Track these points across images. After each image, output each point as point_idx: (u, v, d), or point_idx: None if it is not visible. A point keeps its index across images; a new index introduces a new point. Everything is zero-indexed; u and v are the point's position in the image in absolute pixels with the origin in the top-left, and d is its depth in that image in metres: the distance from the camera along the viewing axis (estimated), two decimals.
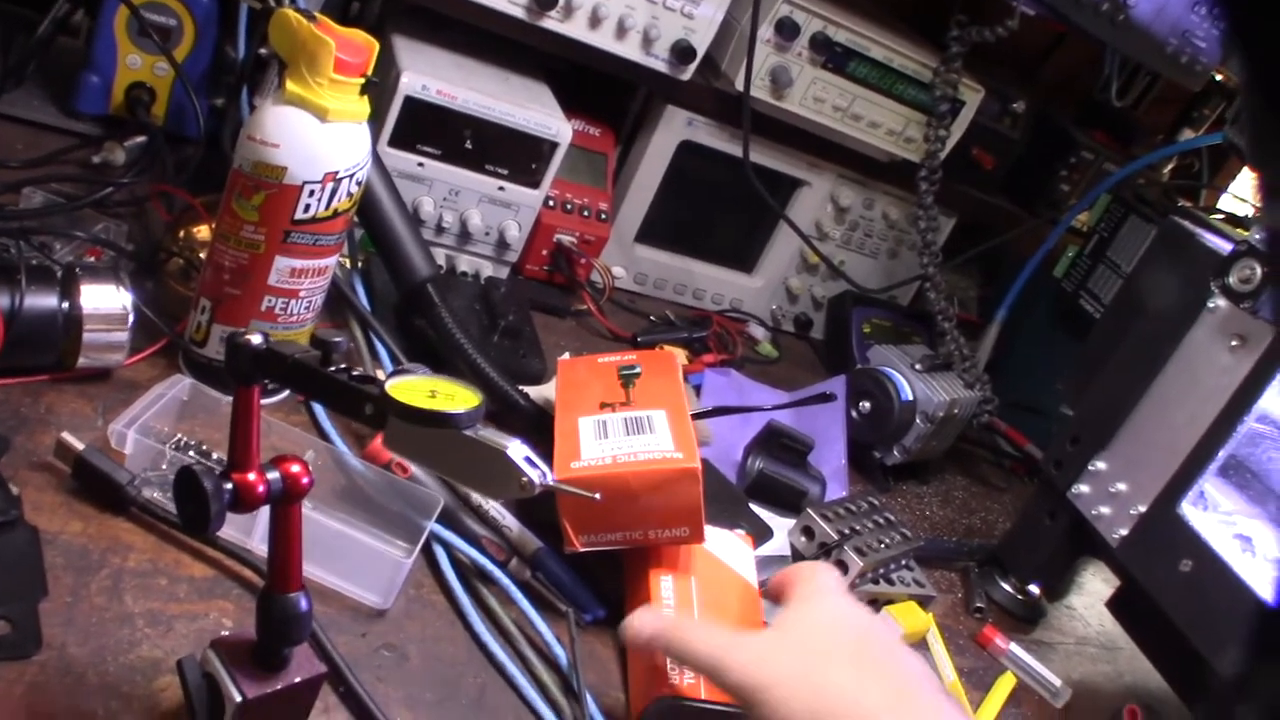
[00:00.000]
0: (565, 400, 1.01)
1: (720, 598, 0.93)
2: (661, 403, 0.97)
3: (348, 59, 0.86)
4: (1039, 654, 1.18)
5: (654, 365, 1.05)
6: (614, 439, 0.93)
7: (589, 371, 1.05)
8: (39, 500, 0.79)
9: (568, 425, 0.96)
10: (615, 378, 1.02)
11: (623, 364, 1.04)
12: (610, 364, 1.05)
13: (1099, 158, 1.67)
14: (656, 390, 1.00)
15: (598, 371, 1.05)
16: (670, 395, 0.99)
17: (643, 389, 1.00)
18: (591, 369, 1.06)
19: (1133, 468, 1.12)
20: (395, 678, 0.79)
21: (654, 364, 1.05)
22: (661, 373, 1.04)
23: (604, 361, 1.06)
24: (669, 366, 1.05)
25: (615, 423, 0.94)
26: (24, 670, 0.68)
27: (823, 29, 1.33)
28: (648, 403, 0.97)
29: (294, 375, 0.60)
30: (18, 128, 1.18)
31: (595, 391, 1.00)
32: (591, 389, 1.01)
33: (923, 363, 1.35)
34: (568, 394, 1.02)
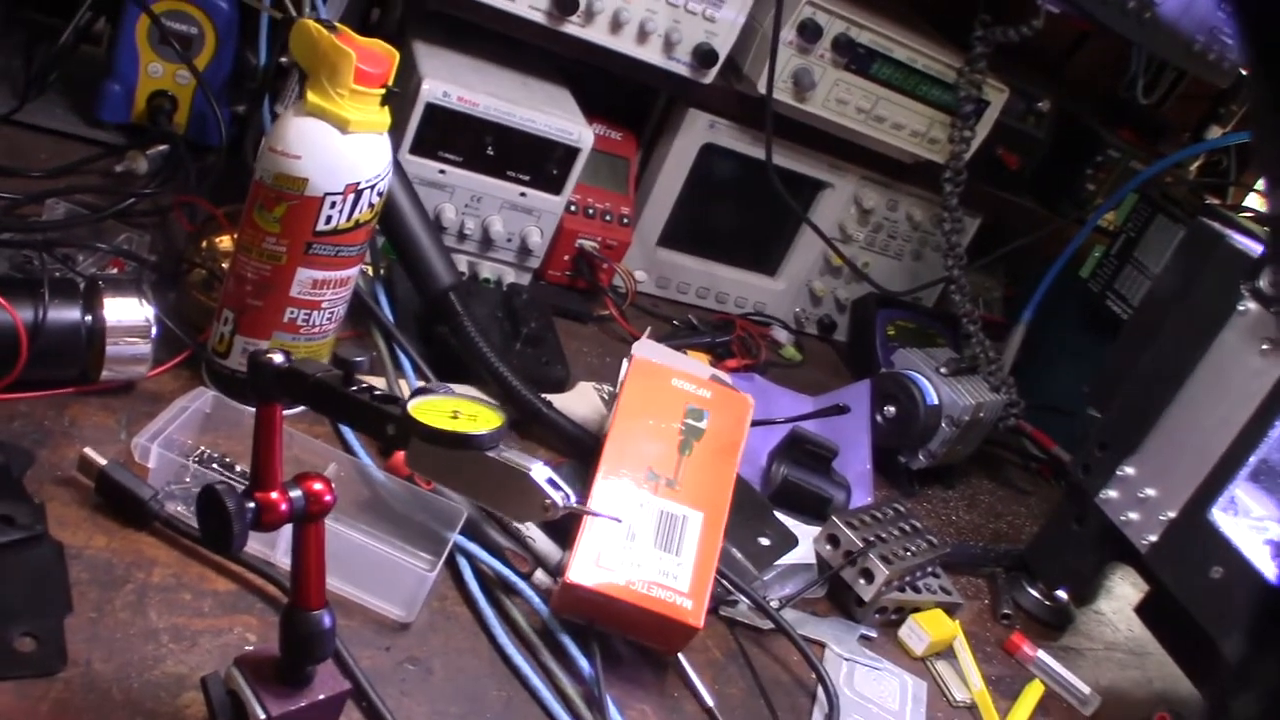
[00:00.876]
0: (624, 427, 0.98)
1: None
2: (706, 496, 0.95)
3: (369, 69, 0.86)
4: (1067, 661, 1.17)
5: (723, 411, 1.02)
6: (640, 547, 0.90)
7: (658, 389, 1.02)
8: (63, 515, 0.79)
9: (610, 488, 0.93)
10: (679, 421, 1.00)
11: (692, 404, 1.02)
12: (681, 394, 1.02)
13: (1125, 156, 1.65)
14: (710, 465, 0.97)
15: (665, 398, 1.02)
16: (720, 480, 0.97)
17: (698, 458, 0.97)
18: (661, 387, 1.02)
19: (1162, 473, 1.11)
20: (419, 692, 0.79)
21: (723, 410, 1.03)
22: (726, 431, 1.01)
23: (676, 386, 1.03)
24: (737, 420, 1.03)
25: (648, 519, 0.92)
26: (49, 687, 0.68)
27: (845, 30, 1.32)
28: (694, 488, 0.95)
29: (315, 395, 0.60)
30: (41, 136, 1.18)
31: (653, 435, 0.98)
32: (651, 425, 0.99)
33: (948, 366, 1.33)
34: (630, 413, 0.99)
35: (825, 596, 1.09)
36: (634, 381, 1.02)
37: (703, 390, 1.04)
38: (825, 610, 1.07)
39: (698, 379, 1.05)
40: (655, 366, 1.05)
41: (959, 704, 1.05)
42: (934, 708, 1.02)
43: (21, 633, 0.70)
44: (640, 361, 1.05)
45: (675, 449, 0.98)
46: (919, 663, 1.07)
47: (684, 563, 0.90)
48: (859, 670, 1.02)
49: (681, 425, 1.00)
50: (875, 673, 1.02)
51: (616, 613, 0.87)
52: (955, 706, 1.04)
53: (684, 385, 1.04)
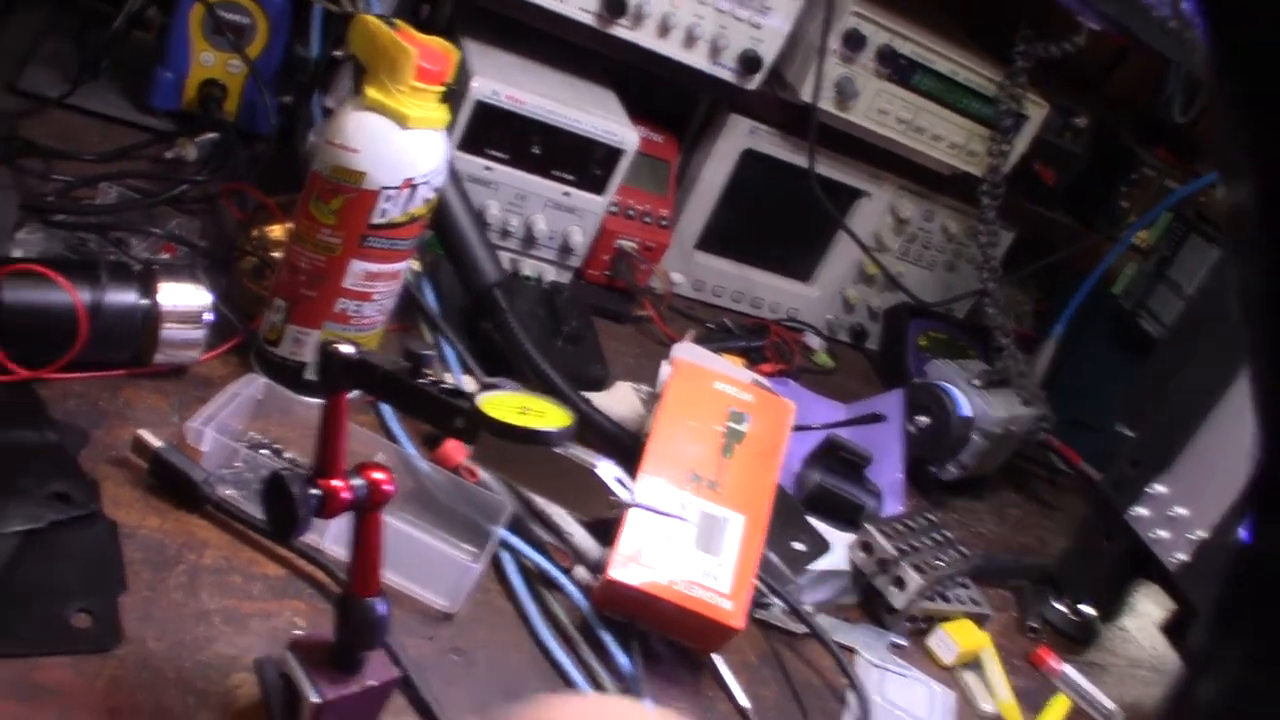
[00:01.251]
0: (666, 428, 0.99)
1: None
2: (748, 498, 0.96)
3: (429, 67, 0.87)
4: (1092, 676, 1.17)
5: (765, 416, 1.03)
6: (681, 548, 0.90)
7: (700, 391, 1.03)
8: (117, 495, 0.80)
9: (651, 487, 0.93)
10: (721, 424, 1.01)
11: (734, 408, 1.02)
12: (723, 397, 1.03)
13: (1161, 174, 1.65)
14: (752, 468, 0.99)
15: (708, 401, 1.02)
16: (762, 483, 0.98)
17: (740, 461, 0.99)
18: (704, 390, 1.03)
19: (1194, 492, 1.11)
20: (463, 682, 0.80)
21: (765, 414, 1.04)
22: (767, 434, 1.02)
23: (719, 389, 1.04)
24: (779, 425, 1.03)
25: (691, 521, 0.92)
26: (104, 664, 0.69)
27: (889, 41, 1.33)
28: (736, 490, 0.96)
29: (384, 386, 0.61)
30: (93, 121, 1.20)
31: (695, 437, 0.99)
32: (694, 427, 0.99)
33: (980, 378, 1.34)
34: (672, 414, 1.00)
35: (857, 603, 1.09)
36: (677, 383, 1.03)
37: (745, 394, 1.05)
38: (856, 617, 1.08)
39: (740, 382, 1.06)
40: (698, 369, 1.07)
41: (986, 714, 1.05)
42: (961, 717, 1.03)
43: (77, 609, 0.71)
44: (683, 363, 1.06)
45: (717, 451, 0.98)
46: (947, 672, 1.08)
47: (725, 564, 0.91)
48: (889, 677, 1.02)
49: (724, 428, 1.00)
50: (905, 680, 1.03)
51: (657, 611, 0.88)
52: (982, 717, 1.05)
53: (726, 389, 1.04)
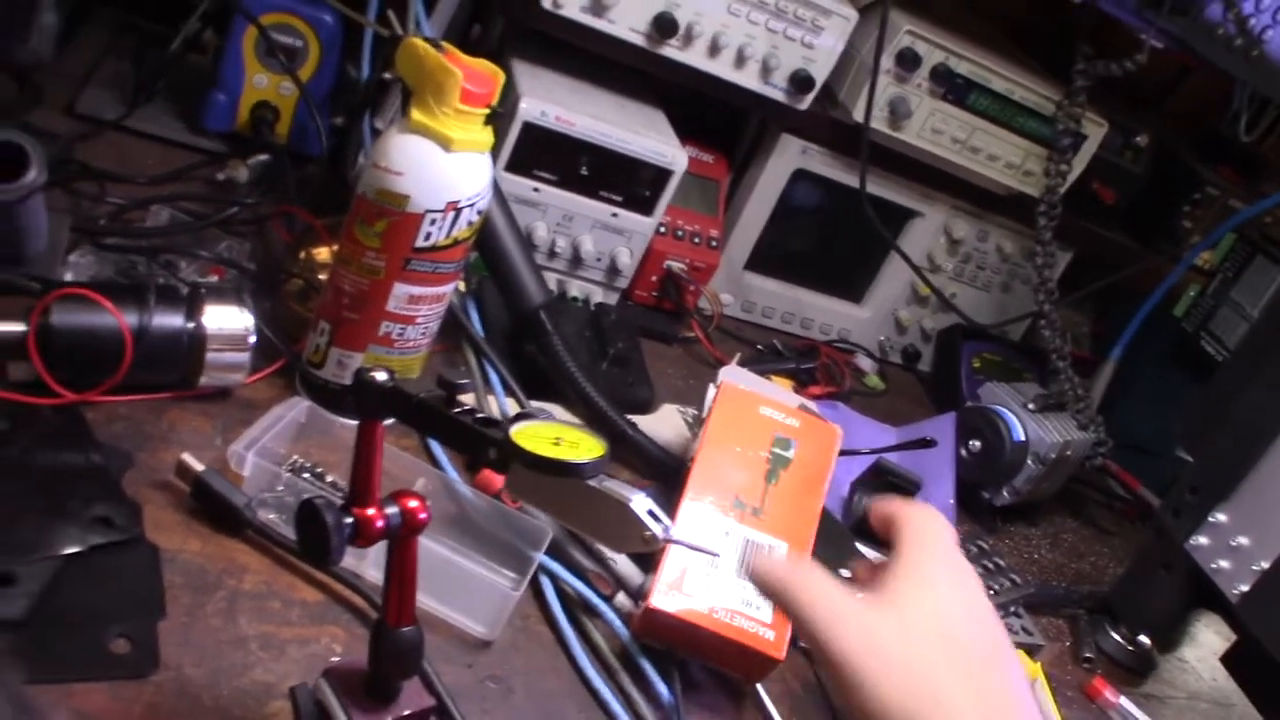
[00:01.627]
0: (710, 453, 0.97)
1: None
2: (791, 526, 0.94)
3: (474, 89, 0.87)
4: (1149, 708, 1.15)
5: (810, 441, 1.01)
6: (723, 575, 0.89)
7: (746, 415, 1.01)
8: (159, 518, 0.81)
9: (695, 512, 0.93)
10: (767, 449, 0.99)
11: (779, 433, 1.01)
12: (768, 422, 1.01)
13: (1224, 194, 1.62)
14: (797, 495, 0.97)
15: (753, 426, 1.01)
16: (805, 510, 0.96)
17: (785, 488, 0.97)
18: (750, 414, 1.02)
19: (1257, 521, 1.08)
20: (500, 710, 0.79)
21: (811, 440, 1.02)
22: (813, 461, 1.00)
23: (765, 414, 1.02)
24: (825, 451, 1.02)
25: (733, 547, 0.91)
26: (142, 690, 0.69)
27: (944, 60, 1.31)
28: (780, 517, 0.94)
29: (418, 415, 0.61)
30: (147, 143, 1.21)
31: (740, 462, 0.97)
32: (739, 453, 0.98)
33: (1035, 402, 1.32)
34: (717, 439, 0.98)
35: None
36: (722, 407, 1.02)
37: (790, 419, 1.03)
38: None
39: (786, 407, 1.04)
40: (743, 393, 1.04)
41: None
42: None
43: (117, 634, 0.71)
44: (728, 387, 1.04)
45: (761, 477, 0.97)
46: None
47: None
48: None
49: (769, 454, 0.99)
50: None
51: (698, 640, 0.87)
52: None
53: (772, 414, 1.02)
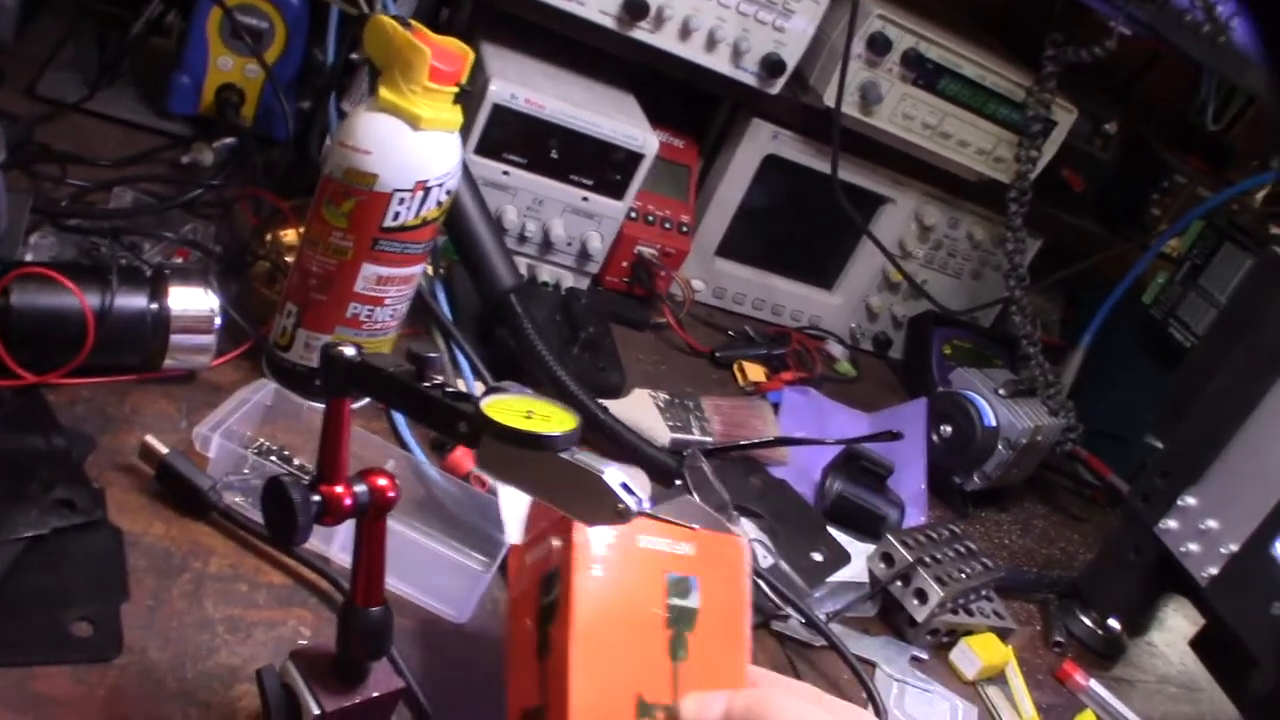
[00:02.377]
0: (588, 638, 0.62)
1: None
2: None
3: (442, 67, 0.86)
4: (1119, 692, 1.15)
5: (714, 570, 0.67)
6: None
7: (623, 560, 0.64)
8: (123, 501, 0.79)
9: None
10: (661, 604, 0.64)
11: (672, 572, 0.65)
12: (654, 558, 0.65)
13: (1192, 182, 1.63)
14: (716, 663, 0.65)
15: (635, 572, 0.65)
16: (732, 674, 0.65)
17: (699, 659, 0.64)
18: (627, 555, 0.64)
19: (1225, 505, 1.09)
20: (469, 693, 0.78)
21: (714, 567, 0.67)
22: (724, 601, 0.66)
23: (645, 546, 0.65)
24: (734, 578, 0.68)
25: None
26: (105, 673, 0.68)
27: (915, 45, 1.31)
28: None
29: (387, 389, 0.60)
30: (110, 125, 1.19)
31: (630, 635, 0.63)
32: (625, 623, 0.63)
33: (1006, 387, 1.32)
34: (592, 612, 0.62)
35: (877, 616, 1.07)
36: (587, 552, 0.63)
37: (682, 544, 0.67)
38: (877, 629, 1.06)
39: (671, 526, 0.67)
40: (605, 537, 0.64)
41: None
42: None
43: (79, 617, 0.70)
44: (580, 541, 0.64)
45: (664, 653, 0.64)
46: (969, 687, 1.06)
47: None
48: (909, 691, 1.00)
49: (665, 610, 0.64)
50: (926, 695, 1.01)
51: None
52: None
53: (654, 543, 0.66)
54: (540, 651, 0.64)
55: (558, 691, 0.61)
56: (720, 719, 0.60)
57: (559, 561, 0.64)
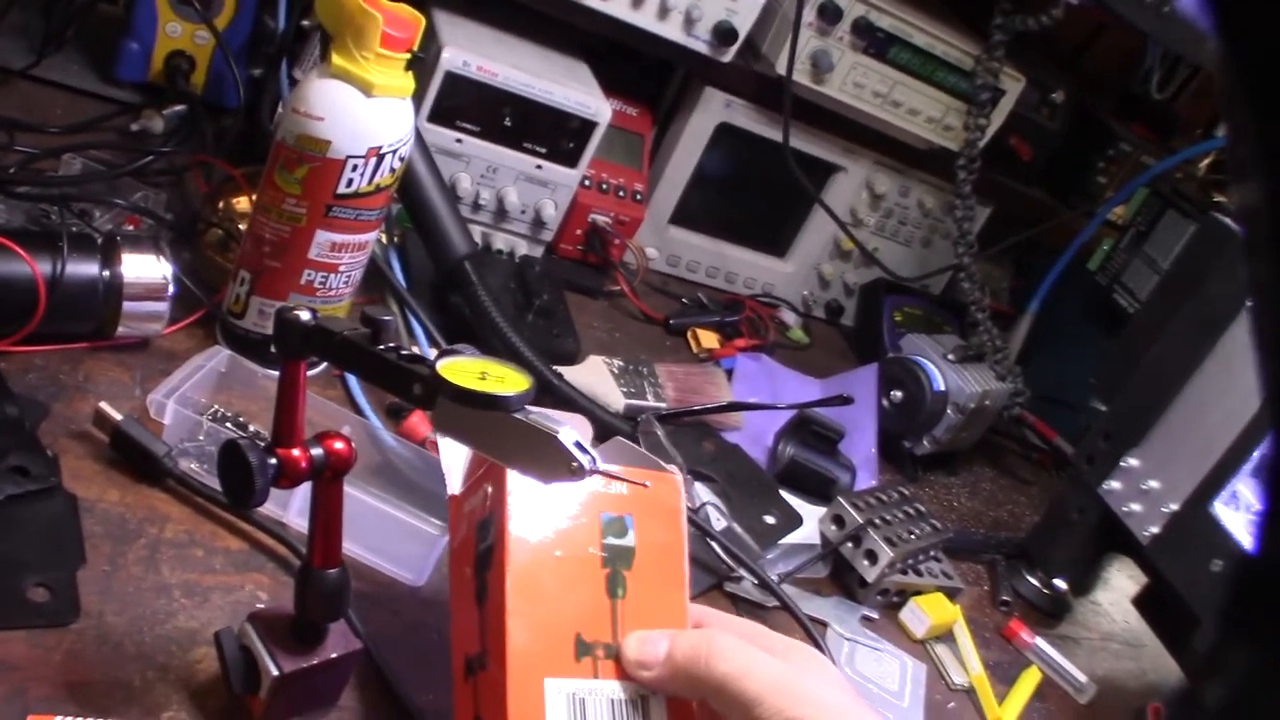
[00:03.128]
0: (523, 579, 0.63)
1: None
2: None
3: (394, 33, 0.86)
4: (1064, 649, 1.18)
5: (650, 508, 0.68)
6: None
7: (557, 499, 0.65)
8: (77, 468, 0.79)
9: (525, 697, 0.61)
10: (597, 543, 0.65)
11: (607, 511, 0.66)
12: (590, 499, 0.66)
13: (1137, 150, 1.65)
14: (655, 601, 0.66)
15: (569, 510, 0.66)
16: (671, 613, 0.66)
17: (637, 597, 0.65)
18: (563, 508, 0.65)
19: (1166, 465, 1.11)
20: (429, 655, 0.79)
21: (649, 506, 0.68)
22: (661, 537, 0.67)
23: (580, 488, 0.66)
24: (671, 514, 0.68)
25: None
26: (62, 637, 0.68)
27: (865, 14, 1.32)
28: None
29: (342, 352, 0.60)
30: (57, 93, 1.18)
31: (566, 575, 0.64)
32: (561, 564, 0.64)
33: (955, 353, 1.34)
34: (527, 552, 0.63)
35: (828, 577, 1.09)
36: (519, 495, 0.64)
37: (614, 485, 0.67)
38: (828, 589, 1.08)
39: (609, 472, 0.65)
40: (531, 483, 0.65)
41: (957, 687, 1.05)
42: (933, 690, 1.03)
43: (35, 583, 0.70)
44: (517, 488, 0.65)
45: (602, 592, 0.65)
46: (919, 645, 1.08)
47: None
48: (860, 650, 1.02)
49: (601, 549, 0.65)
50: (876, 654, 1.03)
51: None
52: (954, 690, 1.05)
53: (588, 484, 0.64)
54: (479, 598, 0.65)
55: (496, 634, 0.62)
56: (663, 658, 0.62)
57: (493, 507, 0.65)
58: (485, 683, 0.63)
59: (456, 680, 0.68)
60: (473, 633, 0.66)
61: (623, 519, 0.67)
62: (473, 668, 0.65)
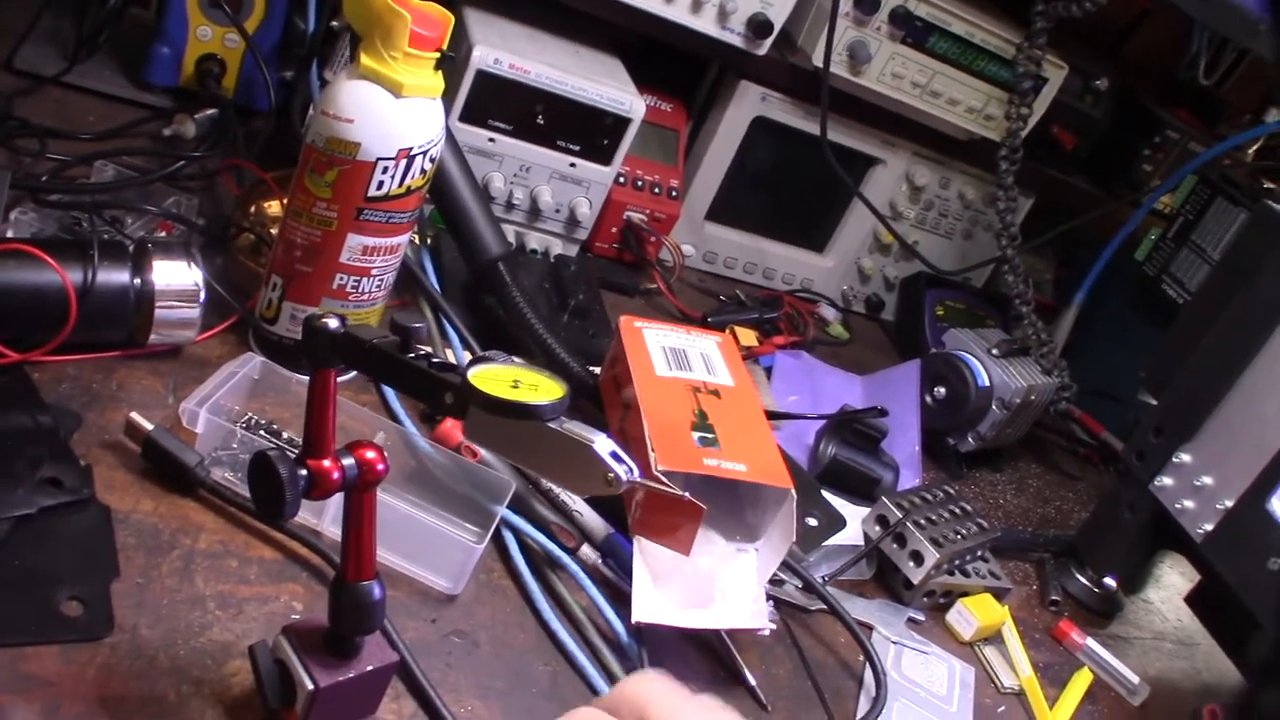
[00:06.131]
0: (647, 395, 0.93)
1: None
2: (750, 442, 0.92)
3: (423, 33, 0.84)
4: (1115, 649, 1.15)
5: (725, 353, 1.03)
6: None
7: (650, 349, 0.99)
8: (110, 478, 0.79)
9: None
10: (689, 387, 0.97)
11: (691, 348, 1.01)
12: (678, 349, 1.01)
13: (1184, 137, 1.62)
14: (739, 414, 0.95)
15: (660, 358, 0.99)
16: (757, 428, 0.95)
17: (722, 406, 0.95)
18: (655, 347, 1.00)
19: (1220, 461, 1.08)
20: (465, 665, 0.78)
21: (725, 352, 1.03)
22: (736, 376, 1.01)
23: (670, 341, 1.02)
24: (735, 358, 1.03)
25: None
26: (96, 652, 0.67)
27: (903, 2, 1.29)
28: (735, 438, 0.92)
29: (372, 361, 0.59)
30: (89, 98, 1.18)
31: (672, 393, 0.95)
32: (669, 384, 0.96)
33: (1000, 348, 1.31)
34: (645, 376, 0.95)
35: (873, 579, 1.07)
36: (630, 342, 0.98)
37: (695, 336, 1.04)
38: (872, 592, 1.06)
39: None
40: (640, 328, 1.02)
41: (1007, 690, 1.03)
42: (982, 693, 1.01)
43: (68, 596, 0.69)
44: (627, 324, 1.01)
45: (693, 408, 0.94)
46: (966, 648, 1.06)
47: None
48: (906, 653, 1.00)
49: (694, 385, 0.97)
50: (923, 657, 1.01)
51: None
52: (1003, 693, 1.03)
53: (678, 337, 1.02)
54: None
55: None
56: None
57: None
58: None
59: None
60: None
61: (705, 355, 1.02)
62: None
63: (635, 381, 0.93)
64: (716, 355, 1.02)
